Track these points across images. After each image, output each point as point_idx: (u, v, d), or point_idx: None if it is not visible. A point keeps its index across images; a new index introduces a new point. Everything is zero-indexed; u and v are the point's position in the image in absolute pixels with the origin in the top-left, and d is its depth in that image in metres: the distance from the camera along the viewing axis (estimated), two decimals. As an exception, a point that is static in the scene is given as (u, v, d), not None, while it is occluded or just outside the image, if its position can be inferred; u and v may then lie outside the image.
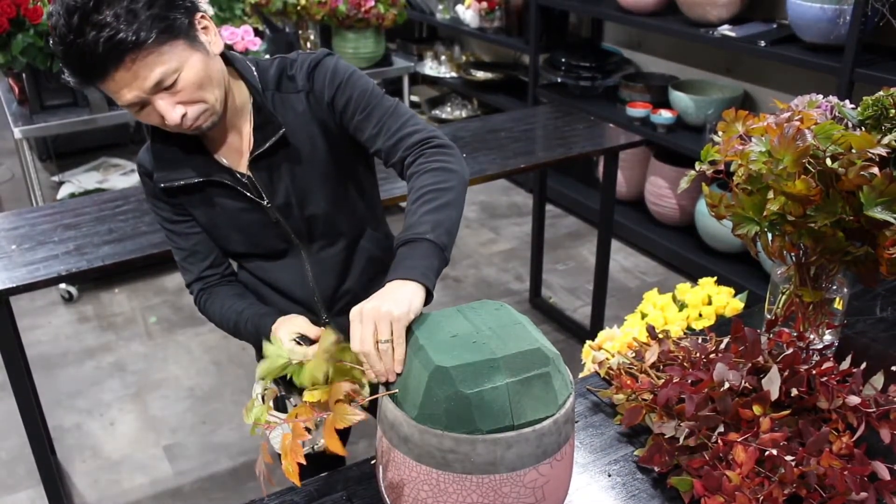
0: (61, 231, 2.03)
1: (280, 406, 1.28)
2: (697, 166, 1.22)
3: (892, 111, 1.13)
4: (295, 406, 1.12)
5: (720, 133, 1.21)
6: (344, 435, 1.67)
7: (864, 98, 1.16)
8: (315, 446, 1.38)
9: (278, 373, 1.03)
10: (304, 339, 1.18)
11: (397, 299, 0.96)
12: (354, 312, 0.96)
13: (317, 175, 1.35)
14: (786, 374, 1.13)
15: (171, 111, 1.15)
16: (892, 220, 1.05)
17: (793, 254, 1.22)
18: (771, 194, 1.09)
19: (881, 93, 1.17)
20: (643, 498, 1.08)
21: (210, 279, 1.44)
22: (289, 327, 1.24)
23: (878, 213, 1.05)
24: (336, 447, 0.85)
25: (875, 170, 1.05)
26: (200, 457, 2.54)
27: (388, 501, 0.93)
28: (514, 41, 4.27)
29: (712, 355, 1.21)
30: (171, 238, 1.42)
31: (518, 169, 2.46)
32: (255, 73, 1.31)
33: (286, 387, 1.26)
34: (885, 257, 1.07)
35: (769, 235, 1.17)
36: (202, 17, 1.21)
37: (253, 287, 1.48)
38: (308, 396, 0.95)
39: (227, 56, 1.29)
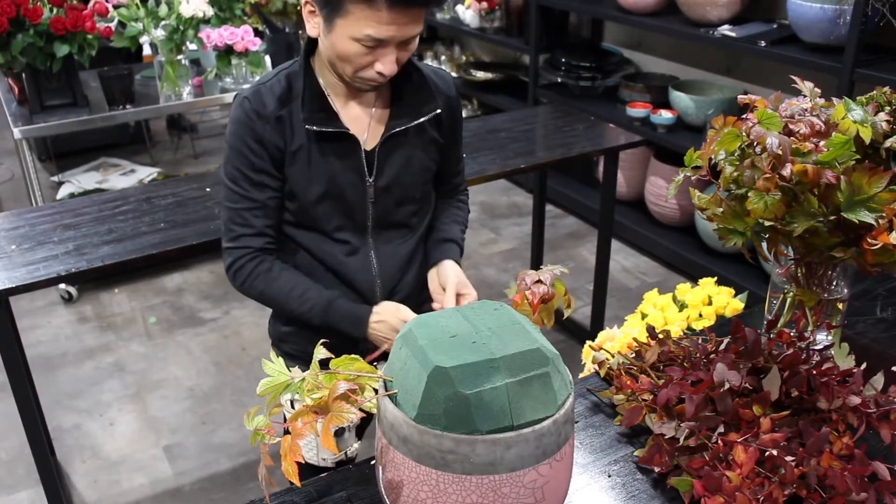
0: (61, 231, 2.03)
1: None
2: (682, 172, 1.22)
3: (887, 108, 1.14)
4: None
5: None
6: (361, 431, 1.69)
7: (859, 98, 1.16)
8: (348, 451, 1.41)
9: (280, 391, 1.03)
10: None
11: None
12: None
13: (422, 169, 1.50)
14: (786, 374, 1.12)
15: (393, 64, 1.33)
16: (872, 223, 1.05)
17: (784, 256, 1.22)
18: (748, 203, 1.09)
19: (874, 92, 1.17)
20: (643, 498, 1.08)
21: (270, 240, 1.46)
22: (402, 314, 1.41)
23: (858, 216, 1.05)
24: (331, 445, 0.85)
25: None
26: (200, 457, 2.54)
27: (388, 502, 0.93)
28: (514, 41, 4.26)
29: (712, 355, 1.21)
30: (244, 187, 1.41)
31: (518, 169, 2.46)
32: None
33: None
34: (866, 248, 1.07)
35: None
36: None
37: (308, 270, 1.49)
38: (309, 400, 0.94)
39: None
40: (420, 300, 1.58)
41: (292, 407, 1.05)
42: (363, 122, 1.45)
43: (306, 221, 1.47)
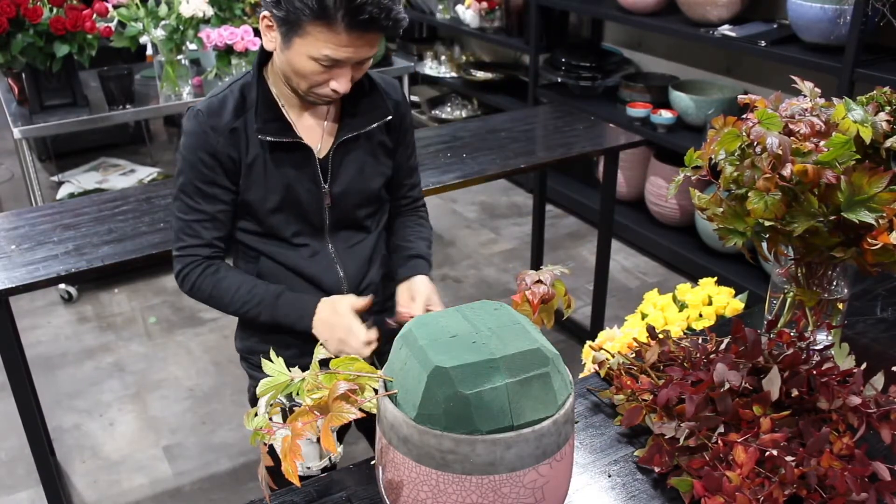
0: (61, 231, 2.03)
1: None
2: (682, 172, 1.22)
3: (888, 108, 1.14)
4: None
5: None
6: (340, 436, 1.69)
7: (859, 98, 1.16)
8: (331, 457, 1.41)
9: (281, 390, 1.03)
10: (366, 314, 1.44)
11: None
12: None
13: (376, 173, 1.52)
14: (786, 374, 1.12)
15: (348, 83, 1.35)
16: (872, 223, 1.05)
17: (785, 256, 1.22)
18: (748, 203, 1.09)
19: (875, 92, 1.17)
20: (643, 498, 1.08)
21: (218, 250, 1.47)
22: (348, 302, 1.42)
23: (858, 216, 1.05)
24: (330, 445, 0.85)
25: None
26: (200, 457, 2.54)
27: (388, 502, 0.93)
28: (514, 41, 4.26)
29: (712, 356, 1.21)
30: (195, 199, 1.42)
31: (518, 169, 2.46)
32: None
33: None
34: (866, 248, 1.07)
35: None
36: None
37: (274, 276, 1.50)
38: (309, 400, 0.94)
39: None
40: (386, 295, 1.60)
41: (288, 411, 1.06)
42: (317, 131, 1.47)
43: (265, 230, 1.48)
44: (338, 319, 1.41)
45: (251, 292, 1.44)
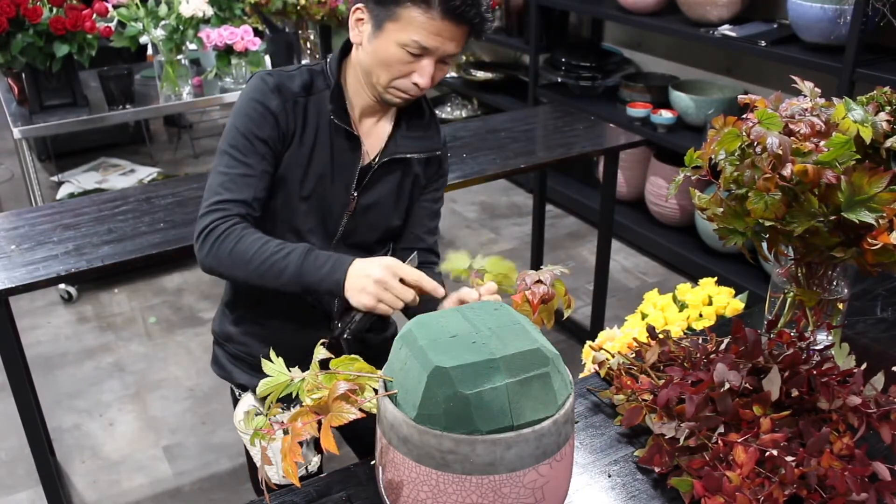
0: (61, 231, 2.03)
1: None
2: (682, 172, 1.22)
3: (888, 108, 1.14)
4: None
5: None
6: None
7: (859, 98, 1.16)
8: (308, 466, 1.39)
9: (281, 391, 1.03)
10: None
11: None
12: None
13: (405, 200, 1.54)
14: (786, 374, 1.12)
15: (429, 78, 1.36)
16: (872, 223, 1.05)
17: (785, 257, 1.22)
18: (748, 203, 1.09)
19: (875, 92, 1.17)
20: (643, 498, 1.08)
21: (253, 212, 1.40)
22: (393, 265, 1.32)
23: (858, 216, 1.05)
24: (330, 445, 0.85)
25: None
26: (200, 457, 2.54)
27: (388, 502, 0.93)
28: (514, 41, 4.26)
29: (712, 356, 1.21)
30: (244, 153, 1.38)
31: (518, 169, 2.46)
32: None
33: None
34: (867, 248, 1.07)
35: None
36: None
37: None
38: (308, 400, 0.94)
39: None
40: (381, 322, 1.60)
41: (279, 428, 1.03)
42: (370, 139, 1.48)
43: (284, 216, 1.46)
44: (379, 260, 1.30)
45: (280, 245, 1.35)
